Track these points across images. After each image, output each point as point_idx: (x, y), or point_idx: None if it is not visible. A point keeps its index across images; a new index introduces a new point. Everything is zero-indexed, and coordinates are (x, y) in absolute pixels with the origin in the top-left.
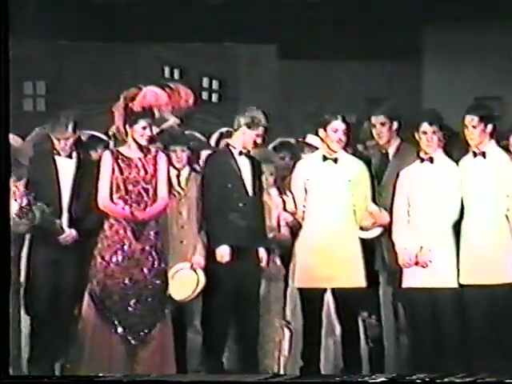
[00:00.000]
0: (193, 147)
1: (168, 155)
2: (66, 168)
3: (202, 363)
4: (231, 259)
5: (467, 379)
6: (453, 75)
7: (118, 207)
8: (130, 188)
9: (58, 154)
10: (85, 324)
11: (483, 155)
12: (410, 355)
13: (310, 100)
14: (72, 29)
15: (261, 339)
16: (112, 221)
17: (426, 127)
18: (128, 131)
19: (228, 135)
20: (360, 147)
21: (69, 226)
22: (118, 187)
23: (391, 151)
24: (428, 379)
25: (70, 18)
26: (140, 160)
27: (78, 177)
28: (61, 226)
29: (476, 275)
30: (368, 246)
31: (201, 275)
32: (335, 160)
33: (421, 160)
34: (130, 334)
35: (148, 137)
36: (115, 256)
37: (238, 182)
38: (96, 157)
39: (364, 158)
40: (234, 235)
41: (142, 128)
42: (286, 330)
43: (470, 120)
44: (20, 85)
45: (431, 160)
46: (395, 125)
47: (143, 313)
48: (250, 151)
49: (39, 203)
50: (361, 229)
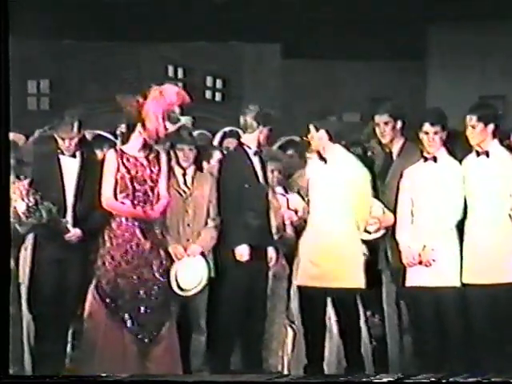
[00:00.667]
0: (200, 146)
1: (169, 154)
2: (70, 167)
3: (206, 363)
4: (250, 258)
5: (471, 379)
6: (456, 74)
7: (125, 206)
8: (138, 187)
9: (62, 154)
10: (95, 324)
11: (486, 154)
12: (414, 354)
13: (314, 99)
14: (76, 28)
15: (265, 338)
16: (120, 219)
17: (428, 127)
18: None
19: (232, 135)
20: (361, 148)
21: (73, 225)
22: (126, 186)
23: (395, 150)
24: (434, 379)
25: (74, 18)
26: (145, 159)
27: (82, 176)
28: (66, 225)
29: (479, 274)
30: (371, 246)
31: (205, 269)
32: (325, 160)
33: (424, 159)
34: (143, 333)
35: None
36: (125, 255)
37: (255, 182)
38: (102, 156)
39: (363, 159)
40: (250, 235)
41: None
42: (290, 330)
43: (469, 119)
44: (24, 84)
45: (435, 159)
46: (399, 124)
47: (153, 311)
48: (263, 151)
49: (46, 202)
50: (365, 231)
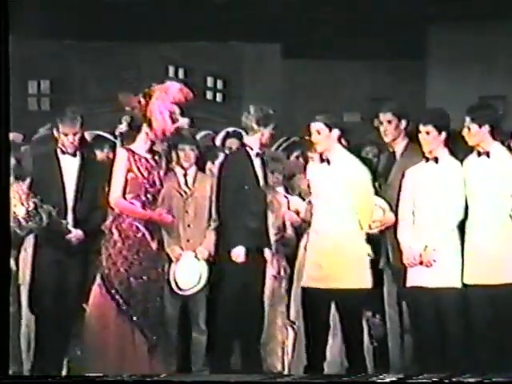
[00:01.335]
0: (203, 147)
1: (170, 154)
2: (70, 167)
3: (206, 363)
4: (246, 260)
5: (472, 379)
6: (456, 75)
7: (135, 207)
8: (149, 189)
9: (63, 153)
10: (103, 324)
11: (487, 155)
12: (415, 354)
13: (314, 99)
14: (76, 28)
15: (265, 339)
16: (131, 220)
17: (422, 127)
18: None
19: (234, 135)
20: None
21: (74, 226)
22: (137, 187)
23: (398, 150)
24: (435, 379)
25: (75, 18)
26: (153, 160)
27: (82, 176)
28: (67, 226)
29: (480, 275)
30: (373, 245)
31: (204, 268)
32: (328, 161)
33: (426, 160)
34: (151, 333)
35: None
36: (137, 256)
37: (255, 184)
38: (102, 156)
39: (363, 158)
40: (248, 236)
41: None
42: (290, 330)
43: (464, 121)
44: (24, 84)
45: (436, 160)
46: (403, 123)
47: (161, 312)
48: (266, 152)
49: (45, 206)
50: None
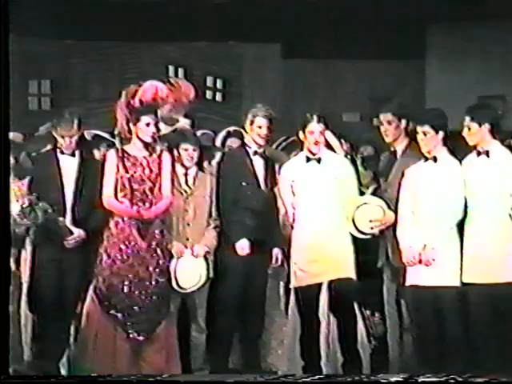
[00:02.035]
0: (204, 146)
1: (173, 154)
2: (69, 167)
3: (206, 362)
4: (251, 252)
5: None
6: (456, 74)
7: (124, 206)
8: (136, 187)
9: (62, 153)
10: (89, 322)
11: (487, 154)
12: (414, 353)
13: (314, 99)
14: (77, 28)
15: (264, 337)
16: (117, 219)
17: (418, 128)
18: (132, 129)
19: (235, 134)
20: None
21: (72, 225)
22: (124, 186)
23: (399, 150)
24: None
25: (75, 18)
26: (145, 158)
27: (81, 175)
28: (64, 225)
29: (479, 274)
30: (371, 244)
31: (203, 266)
32: (318, 160)
33: (425, 159)
34: (136, 332)
35: (152, 133)
36: (120, 254)
37: (253, 181)
38: (99, 156)
39: (350, 156)
40: (249, 232)
41: (146, 125)
42: (290, 328)
43: (464, 120)
44: (25, 84)
45: (435, 159)
46: (403, 123)
47: (148, 310)
48: (265, 151)
49: (41, 203)
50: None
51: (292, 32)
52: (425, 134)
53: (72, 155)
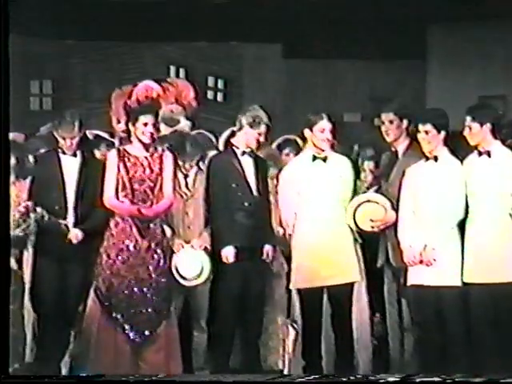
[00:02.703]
0: (204, 149)
1: (174, 153)
2: (71, 167)
3: (208, 362)
4: (236, 260)
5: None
6: (456, 74)
7: (125, 205)
8: (136, 187)
9: (63, 153)
10: (90, 322)
11: (488, 154)
12: (415, 353)
13: (315, 99)
14: (78, 28)
15: (265, 337)
16: (118, 219)
17: (420, 127)
18: (131, 129)
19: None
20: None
21: (74, 225)
22: (124, 186)
23: (400, 150)
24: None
25: (76, 18)
26: (146, 159)
27: (83, 175)
28: (66, 226)
29: (480, 274)
30: (371, 243)
31: (205, 259)
32: (324, 159)
33: (426, 159)
34: (135, 333)
35: (150, 133)
36: (121, 254)
37: (242, 182)
38: (100, 156)
39: (350, 157)
40: (240, 235)
41: (143, 124)
42: (291, 329)
43: (465, 120)
44: (27, 84)
45: (435, 159)
46: (405, 123)
47: (148, 311)
48: (254, 150)
49: (38, 209)
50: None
51: (292, 32)
52: (427, 133)
53: (73, 155)
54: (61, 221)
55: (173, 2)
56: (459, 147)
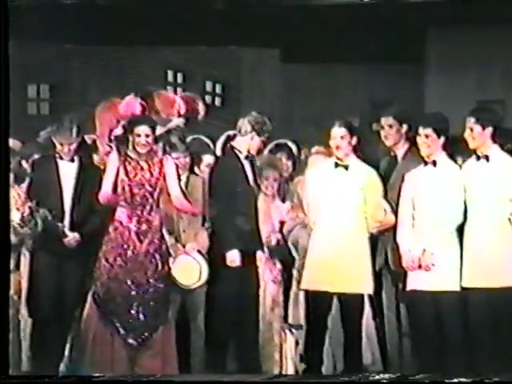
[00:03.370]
0: (195, 152)
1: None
2: (68, 172)
3: (205, 364)
4: (242, 264)
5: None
6: (455, 78)
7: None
8: (136, 191)
9: (61, 158)
10: (87, 326)
11: (487, 159)
12: (413, 357)
13: (313, 103)
14: (76, 33)
15: (261, 342)
16: (117, 223)
17: (420, 130)
18: (130, 138)
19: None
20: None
21: (71, 230)
22: (123, 189)
23: (400, 154)
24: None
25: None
26: (146, 162)
27: (80, 181)
28: (63, 230)
29: (479, 278)
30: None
31: (203, 263)
32: (346, 167)
33: (424, 163)
34: (132, 337)
35: (143, 144)
36: (119, 258)
37: (246, 186)
38: (98, 160)
39: (374, 164)
40: (243, 239)
41: (137, 136)
42: (289, 333)
43: (468, 121)
44: (24, 88)
45: (434, 163)
46: (404, 128)
47: (145, 316)
48: (254, 156)
49: (42, 210)
50: None
51: (291, 37)
52: (427, 137)
53: (71, 161)
54: (60, 224)
55: (172, 7)
56: (458, 152)
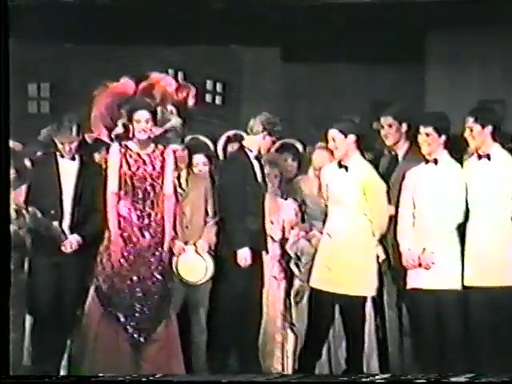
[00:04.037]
0: (192, 148)
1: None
2: (69, 170)
3: (207, 362)
4: (252, 262)
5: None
6: (456, 78)
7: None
8: (137, 184)
9: (62, 156)
10: (90, 321)
11: (488, 157)
12: (414, 356)
13: (314, 103)
14: (76, 32)
15: (263, 340)
16: (119, 218)
17: (421, 129)
18: (130, 127)
19: (235, 139)
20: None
21: (71, 229)
22: (126, 183)
23: (400, 153)
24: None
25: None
26: (148, 155)
27: (81, 179)
28: (61, 230)
29: (480, 277)
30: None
31: (209, 261)
32: (346, 168)
33: (425, 162)
34: (136, 332)
35: (144, 130)
36: (123, 253)
37: (256, 185)
38: (100, 159)
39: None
40: (250, 237)
41: (136, 122)
42: (290, 332)
43: (467, 121)
44: (24, 87)
45: (435, 162)
46: (404, 127)
47: (149, 310)
48: (263, 156)
49: (30, 208)
50: None
51: (292, 36)
52: (427, 135)
53: (72, 159)
54: (54, 223)
55: (172, 6)
56: (459, 150)
